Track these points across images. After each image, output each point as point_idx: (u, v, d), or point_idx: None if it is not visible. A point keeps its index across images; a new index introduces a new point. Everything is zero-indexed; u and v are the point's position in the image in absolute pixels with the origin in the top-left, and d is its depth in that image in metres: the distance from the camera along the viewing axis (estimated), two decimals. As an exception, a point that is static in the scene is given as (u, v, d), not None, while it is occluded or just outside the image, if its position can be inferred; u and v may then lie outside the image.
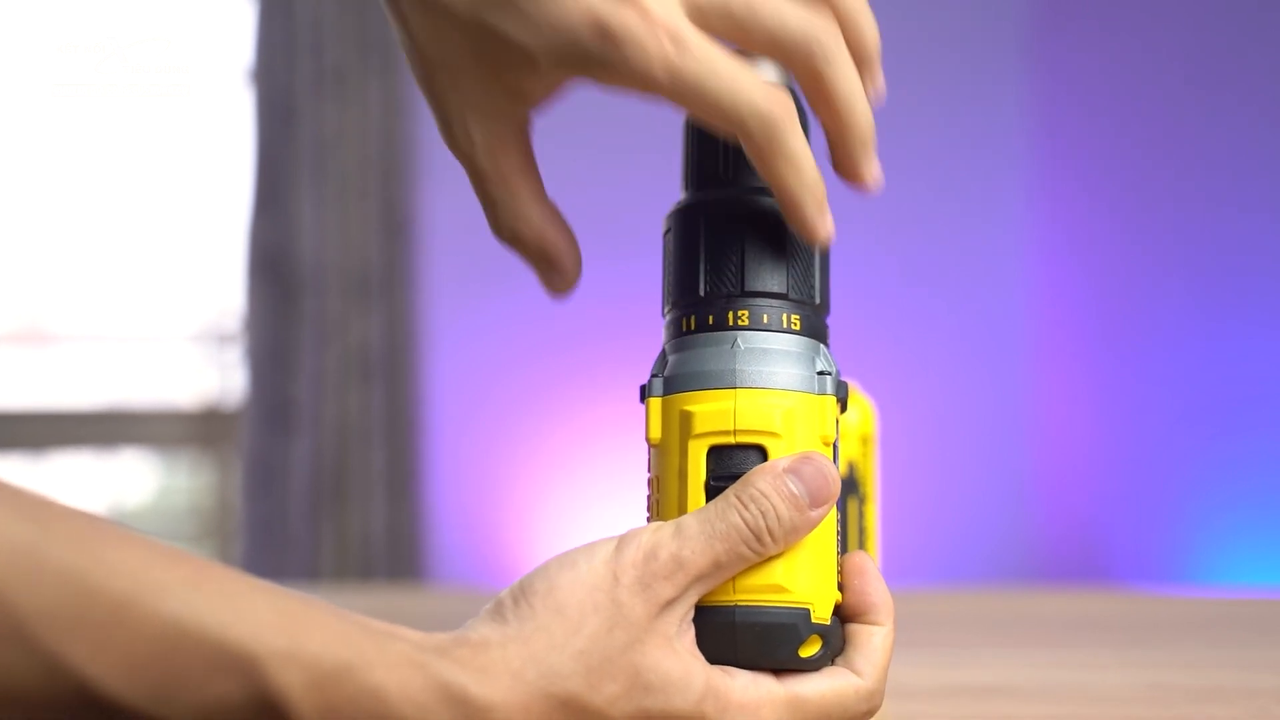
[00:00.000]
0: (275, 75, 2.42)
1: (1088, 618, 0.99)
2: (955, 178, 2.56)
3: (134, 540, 0.33)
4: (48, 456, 2.53)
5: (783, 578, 0.40)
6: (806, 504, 0.40)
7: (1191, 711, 0.55)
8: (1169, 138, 2.16)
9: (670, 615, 0.39)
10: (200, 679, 0.32)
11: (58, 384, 2.55)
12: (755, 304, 0.43)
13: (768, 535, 0.39)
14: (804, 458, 0.41)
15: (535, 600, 0.38)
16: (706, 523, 0.39)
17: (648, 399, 0.44)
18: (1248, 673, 0.68)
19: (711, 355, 0.43)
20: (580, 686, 0.37)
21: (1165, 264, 2.16)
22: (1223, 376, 1.98)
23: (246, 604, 0.33)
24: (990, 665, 0.70)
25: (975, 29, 2.60)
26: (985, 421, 2.53)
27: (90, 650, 0.31)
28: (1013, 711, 0.56)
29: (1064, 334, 2.49)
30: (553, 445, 2.43)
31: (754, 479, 0.40)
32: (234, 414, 2.47)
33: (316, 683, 0.33)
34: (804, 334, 0.43)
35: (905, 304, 2.51)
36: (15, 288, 2.57)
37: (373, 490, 2.38)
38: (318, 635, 0.34)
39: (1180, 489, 2.07)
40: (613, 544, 0.39)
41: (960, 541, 2.45)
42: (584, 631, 0.37)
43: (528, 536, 2.42)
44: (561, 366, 2.39)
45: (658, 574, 0.38)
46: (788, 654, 0.40)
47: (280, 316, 2.39)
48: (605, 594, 0.38)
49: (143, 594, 0.32)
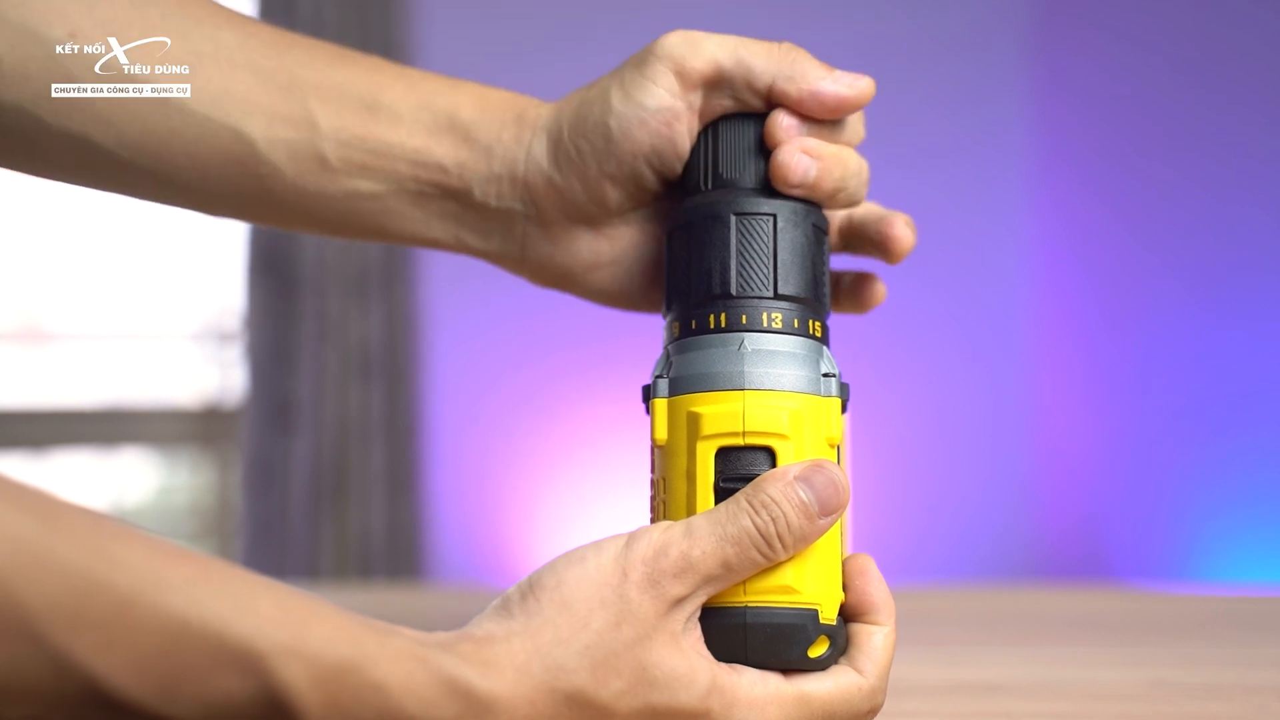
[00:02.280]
0: (274, 73, 2.42)
1: (1089, 614, 0.99)
2: (956, 175, 2.56)
3: (138, 537, 0.33)
4: (48, 455, 2.53)
5: (792, 579, 0.41)
6: (816, 512, 0.40)
7: (1192, 708, 0.55)
8: (1170, 135, 2.16)
9: (678, 613, 0.39)
10: (206, 675, 0.32)
11: (57, 382, 2.55)
12: (761, 306, 0.43)
13: (778, 541, 0.40)
14: (816, 466, 0.41)
15: (543, 595, 0.38)
16: (718, 525, 0.39)
17: (653, 400, 0.44)
18: (1249, 670, 0.68)
19: (719, 357, 0.43)
20: (586, 681, 0.37)
21: (1166, 260, 2.16)
22: (1224, 373, 1.98)
23: (251, 600, 0.33)
24: (991, 662, 0.70)
25: (976, 26, 2.60)
26: (986, 418, 2.53)
27: (96, 646, 0.31)
28: (1013, 708, 0.56)
29: (1065, 331, 2.49)
30: (553, 444, 2.43)
31: (766, 485, 0.40)
32: (234, 412, 2.47)
33: (321, 678, 0.33)
34: (808, 336, 0.44)
35: (906, 301, 2.51)
36: (14, 286, 2.57)
37: (373, 488, 2.38)
38: (322, 631, 0.34)
39: (1182, 485, 2.07)
40: (622, 541, 0.39)
41: (960, 538, 2.45)
42: (591, 627, 0.37)
43: (528, 535, 2.42)
44: (562, 365, 2.39)
45: (667, 572, 0.38)
46: (797, 654, 0.41)
47: (280, 315, 2.38)
48: (613, 590, 0.38)
49: (148, 590, 0.32)
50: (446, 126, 0.49)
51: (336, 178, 0.49)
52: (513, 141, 0.49)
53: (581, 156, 0.48)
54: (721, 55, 0.46)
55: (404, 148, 0.49)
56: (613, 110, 0.47)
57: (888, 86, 0.50)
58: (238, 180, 0.49)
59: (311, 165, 0.49)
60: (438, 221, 0.51)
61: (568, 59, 2.48)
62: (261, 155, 0.48)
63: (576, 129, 0.48)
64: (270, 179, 0.49)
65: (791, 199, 0.45)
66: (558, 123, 0.49)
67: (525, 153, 0.49)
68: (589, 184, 0.48)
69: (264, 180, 0.49)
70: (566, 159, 0.48)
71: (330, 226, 0.51)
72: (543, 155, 0.49)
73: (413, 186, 0.50)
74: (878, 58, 2.55)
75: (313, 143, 0.48)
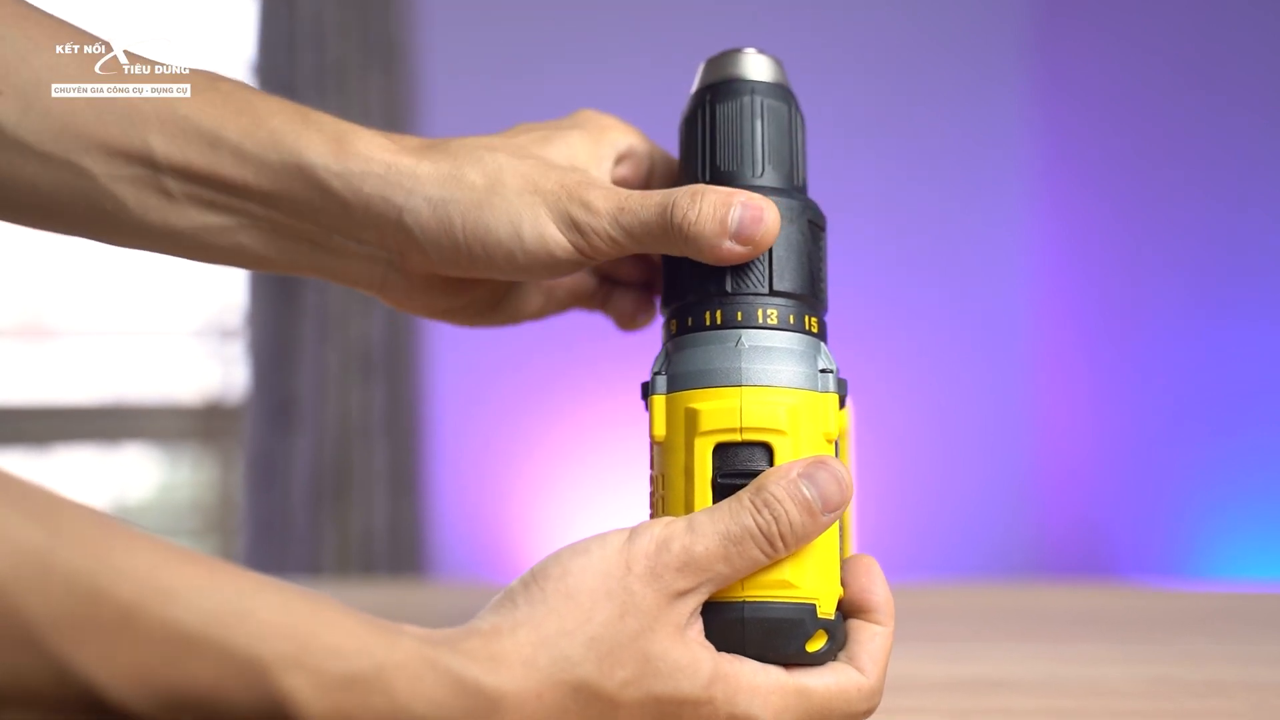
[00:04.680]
0: (277, 70, 2.42)
1: (1090, 611, 0.99)
2: (956, 175, 2.56)
3: (143, 542, 0.33)
4: (50, 451, 2.54)
5: (790, 574, 0.41)
6: (819, 509, 0.40)
7: (1193, 705, 0.56)
8: (1170, 135, 2.16)
9: (680, 606, 0.39)
10: (209, 684, 0.32)
11: (59, 379, 2.55)
12: (758, 302, 0.44)
13: (779, 539, 0.40)
14: (818, 462, 0.41)
15: (547, 584, 0.38)
16: (720, 522, 0.40)
17: (651, 396, 0.44)
18: (1250, 667, 0.68)
19: (716, 353, 0.43)
20: (592, 672, 0.37)
21: (1166, 260, 2.16)
22: (1224, 370, 1.98)
23: (254, 607, 0.33)
24: (992, 659, 0.71)
25: (976, 26, 2.60)
26: (987, 415, 2.53)
27: (98, 656, 0.31)
28: (1014, 705, 0.56)
29: (1066, 329, 2.49)
30: (555, 440, 2.44)
31: (769, 483, 0.40)
32: (236, 409, 2.47)
33: (326, 685, 0.33)
34: (806, 332, 0.44)
35: (907, 300, 2.51)
36: (17, 282, 2.58)
37: (375, 485, 2.39)
38: (326, 637, 0.34)
39: (1183, 482, 2.07)
40: (625, 534, 0.39)
41: (962, 535, 2.45)
42: (596, 618, 0.37)
43: (530, 531, 2.42)
44: (563, 362, 2.39)
45: (669, 565, 0.39)
46: (795, 648, 0.41)
47: (282, 312, 2.39)
48: (617, 582, 0.38)
49: (151, 599, 0.31)
50: (295, 171, 0.46)
51: (185, 212, 0.47)
52: (379, 199, 0.46)
53: (471, 257, 0.46)
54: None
55: (250, 191, 0.47)
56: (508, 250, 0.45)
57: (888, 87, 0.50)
58: (85, 212, 0.47)
59: (157, 200, 0.47)
60: (297, 254, 0.49)
61: (568, 59, 2.49)
62: (104, 190, 0.46)
63: (471, 230, 0.45)
64: (118, 213, 0.47)
65: (787, 195, 0.45)
66: (444, 202, 0.45)
67: (397, 215, 0.46)
68: (474, 271, 0.47)
69: (111, 215, 0.47)
70: (450, 246, 0.46)
71: (187, 253, 0.49)
72: (420, 224, 0.46)
73: (266, 225, 0.48)
74: (878, 58, 2.55)
75: (155, 179, 0.46)
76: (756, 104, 0.46)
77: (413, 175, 0.46)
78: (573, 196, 0.45)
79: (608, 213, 0.44)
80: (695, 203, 0.43)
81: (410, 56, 2.47)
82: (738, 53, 0.47)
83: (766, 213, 0.43)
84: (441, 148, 0.47)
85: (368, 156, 0.46)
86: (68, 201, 0.47)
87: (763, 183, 0.45)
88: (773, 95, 0.47)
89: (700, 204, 0.43)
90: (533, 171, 0.45)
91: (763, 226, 0.43)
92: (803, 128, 0.48)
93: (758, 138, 0.46)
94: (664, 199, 0.44)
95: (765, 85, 0.47)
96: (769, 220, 0.43)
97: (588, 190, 0.45)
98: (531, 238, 0.45)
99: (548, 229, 0.45)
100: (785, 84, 0.48)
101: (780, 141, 0.46)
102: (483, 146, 0.46)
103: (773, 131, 0.46)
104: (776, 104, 0.47)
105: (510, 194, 0.45)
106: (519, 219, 0.45)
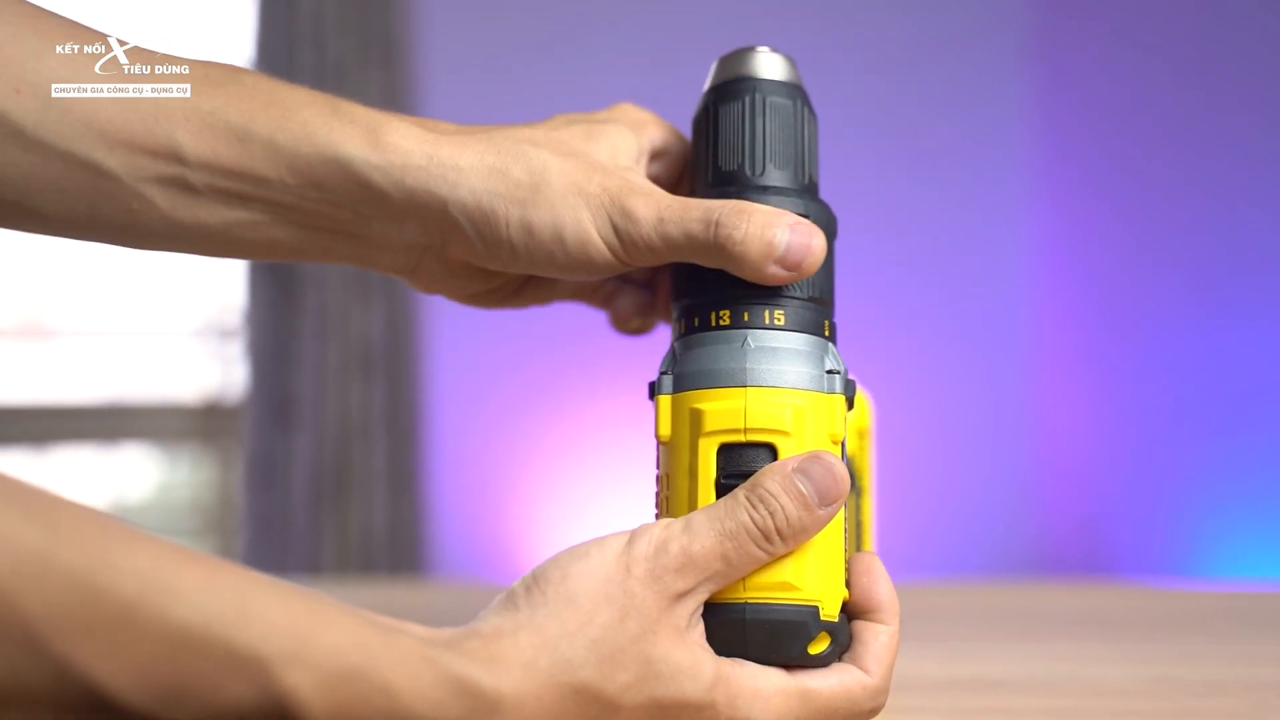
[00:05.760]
0: (276, 68, 2.42)
1: (1090, 611, 0.99)
2: (956, 175, 2.56)
3: (143, 541, 0.33)
4: (49, 451, 2.54)
5: (792, 575, 0.41)
6: (815, 503, 0.40)
7: (1194, 705, 0.56)
8: (1170, 135, 2.16)
9: (681, 608, 0.39)
10: (210, 682, 0.32)
11: (58, 378, 2.55)
12: (765, 302, 0.43)
13: (776, 535, 0.40)
14: (813, 457, 0.41)
15: (548, 588, 0.38)
16: (716, 520, 0.40)
17: (657, 396, 0.44)
18: (1250, 666, 0.68)
19: (722, 353, 0.43)
20: (593, 676, 0.37)
21: (1166, 260, 2.16)
22: (1224, 370, 1.98)
23: (255, 605, 0.33)
24: (993, 658, 0.71)
25: (976, 26, 2.60)
26: (988, 415, 2.53)
27: (99, 654, 0.31)
28: (1015, 704, 0.56)
29: (1066, 328, 2.49)
30: (555, 440, 2.44)
31: (763, 479, 0.40)
32: (235, 408, 2.47)
33: (326, 683, 0.33)
34: (812, 333, 0.44)
35: (908, 300, 2.51)
36: (16, 282, 2.58)
37: (374, 485, 2.39)
38: (326, 635, 0.34)
39: (1183, 482, 2.07)
40: (625, 537, 0.39)
41: (962, 535, 2.45)
42: (597, 621, 0.37)
43: (530, 531, 2.42)
44: (564, 361, 2.39)
45: (668, 567, 0.39)
46: (797, 651, 0.41)
47: (282, 311, 2.38)
48: (617, 585, 0.38)
49: (151, 597, 0.31)
50: (333, 165, 0.45)
51: (214, 209, 0.47)
52: (423, 192, 0.45)
53: (513, 252, 0.46)
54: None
55: (283, 185, 0.46)
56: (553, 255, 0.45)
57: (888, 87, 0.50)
58: (112, 215, 0.46)
59: (186, 198, 0.46)
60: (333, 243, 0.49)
61: (567, 57, 2.49)
62: (130, 190, 0.46)
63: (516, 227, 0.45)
64: (142, 213, 0.46)
65: (790, 195, 0.45)
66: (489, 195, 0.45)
67: (441, 207, 0.45)
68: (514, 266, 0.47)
69: (139, 215, 0.46)
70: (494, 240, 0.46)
71: (218, 250, 0.49)
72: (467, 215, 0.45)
73: (298, 218, 0.47)
74: (878, 58, 2.55)
75: (182, 176, 0.46)
76: (758, 102, 0.46)
77: (455, 167, 0.45)
78: (615, 202, 0.44)
79: (649, 221, 0.44)
80: (742, 222, 0.43)
81: (410, 54, 2.47)
82: (746, 51, 0.47)
83: (815, 240, 0.43)
84: (482, 136, 0.46)
85: (407, 149, 0.45)
86: (92, 204, 0.46)
87: (764, 182, 0.45)
88: (778, 93, 0.46)
89: (747, 224, 0.42)
90: (576, 172, 0.45)
91: (811, 256, 0.43)
92: (812, 126, 0.47)
93: (759, 136, 0.45)
94: (706, 214, 0.43)
95: (771, 83, 0.46)
96: (816, 249, 0.43)
97: (630, 196, 0.44)
98: (573, 241, 0.45)
99: (589, 234, 0.44)
100: (795, 82, 0.47)
101: (784, 140, 0.46)
102: (526, 140, 0.46)
103: (776, 129, 0.45)
104: (781, 102, 0.46)
105: (554, 195, 0.45)
106: (562, 221, 0.45)
